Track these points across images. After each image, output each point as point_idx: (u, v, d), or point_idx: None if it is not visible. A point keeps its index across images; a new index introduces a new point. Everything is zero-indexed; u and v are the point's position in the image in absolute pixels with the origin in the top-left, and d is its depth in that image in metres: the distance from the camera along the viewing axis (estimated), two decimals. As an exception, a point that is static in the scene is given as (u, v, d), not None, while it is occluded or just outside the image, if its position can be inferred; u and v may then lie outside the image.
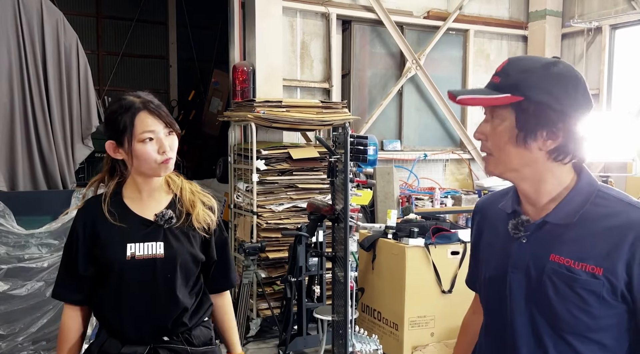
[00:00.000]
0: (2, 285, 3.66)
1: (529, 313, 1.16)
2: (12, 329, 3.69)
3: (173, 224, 1.60)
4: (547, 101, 1.08)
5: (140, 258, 1.57)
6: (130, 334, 1.59)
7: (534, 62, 1.12)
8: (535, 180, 1.16)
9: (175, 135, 1.59)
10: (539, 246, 1.16)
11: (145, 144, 1.52)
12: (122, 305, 1.59)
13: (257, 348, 4.36)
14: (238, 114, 4.89)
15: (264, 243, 4.39)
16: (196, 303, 1.67)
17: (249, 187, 4.68)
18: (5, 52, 3.83)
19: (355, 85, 5.96)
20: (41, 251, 3.78)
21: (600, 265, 1.08)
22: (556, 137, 1.10)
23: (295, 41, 5.55)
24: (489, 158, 1.17)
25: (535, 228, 1.17)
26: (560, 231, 1.14)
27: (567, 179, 1.16)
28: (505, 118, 1.12)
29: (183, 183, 1.69)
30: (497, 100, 1.10)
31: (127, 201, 1.63)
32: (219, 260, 1.71)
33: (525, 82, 1.09)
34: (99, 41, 9.04)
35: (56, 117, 4.00)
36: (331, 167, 3.13)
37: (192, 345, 1.63)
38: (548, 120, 1.09)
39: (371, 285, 4.31)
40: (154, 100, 1.57)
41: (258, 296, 4.58)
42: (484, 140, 1.17)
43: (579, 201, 1.14)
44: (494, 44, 6.72)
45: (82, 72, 4.11)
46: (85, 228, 1.61)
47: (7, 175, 3.88)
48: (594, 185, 1.16)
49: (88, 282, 1.62)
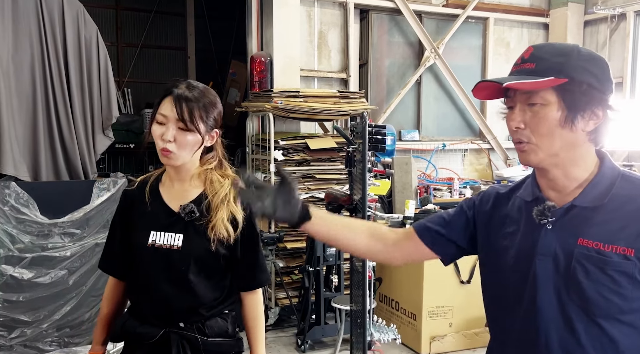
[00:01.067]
0: (27, 273, 3.74)
1: (558, 299, 1.15)
2: (36, 317, 3.77)
3: (194, 218, 1.60)
4: (591, 80, 1.11)
5: (159, 247, 1.60)
6: (148, 316, 1.63)
7: (563, 46, 1.15)
8: (568, 165, 1.16)
9: (189, 134, 1.55)
10: (566, 232, 1.15)
11: (155, 125, 1.57)
12: (142, 288, 1.65)
13: (276, 337, 4.40)
14: (256, 105, 4.90)
15: (282, 233, 4.41)
16: (220, 298, 1.67)
17: (267, 178, 4.70)
18: (27, 45, 3.88)
19: (373, 74, 5.92)
20: (64, 241, 3.85)
21: (631, 245, 1.09)
22: (597, 116, 1.12)
23: (313, 31, 5.53)
24: (528, 147, 1.15)
25: (562, 213, 1.17)
26: (587, 215, 1.14)
27: (592, 164, 1.18)
28: (549, 102, 1.12)
29: (223, 188, 1.64)
30: (545, 83, 1.10)
31: (161, 189, 1.67)
32: (246, 258, 1.68)
33: (566, 64, 1.11)
34: (118, 33, 9.11)
35: (77, 108, 4.05)
36: (349, 156, 3.12)
37: (204, 335, 1.63)
38: (592, 99, 1.11)
39: (389, 275, 4.31)
40: (189, 95, 1.55)
41: (276, 286, 4.61)
42: (522, 129, 1.15)
43: (605, 184, 1.15)
44: (514, 32, 6.61)
45: (102, 64, 4.15)
46: (124, 210, 1.71)
47: (30, 165, 3.95)
48: (616, 169, 1.18)
49: (123, 259, 1.70)
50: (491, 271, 1.31)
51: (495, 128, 6.33)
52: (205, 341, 1.63)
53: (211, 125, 1.61)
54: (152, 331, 1.61)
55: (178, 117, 1.54)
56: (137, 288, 1.68)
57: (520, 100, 1.15)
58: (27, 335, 3.75)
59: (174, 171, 1.64)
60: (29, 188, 3.76)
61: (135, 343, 1.66)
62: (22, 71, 3.88)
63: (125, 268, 1.71)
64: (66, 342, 3.87)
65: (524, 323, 1.20)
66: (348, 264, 4.35)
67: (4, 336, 3.69)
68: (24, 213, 3.72)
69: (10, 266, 3.69)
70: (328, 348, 4.15)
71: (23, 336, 3.74)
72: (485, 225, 1.32)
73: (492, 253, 1.31)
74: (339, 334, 3.88)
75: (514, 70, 1.17)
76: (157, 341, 1.61)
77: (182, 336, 1.62)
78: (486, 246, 1.33)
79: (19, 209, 3.71)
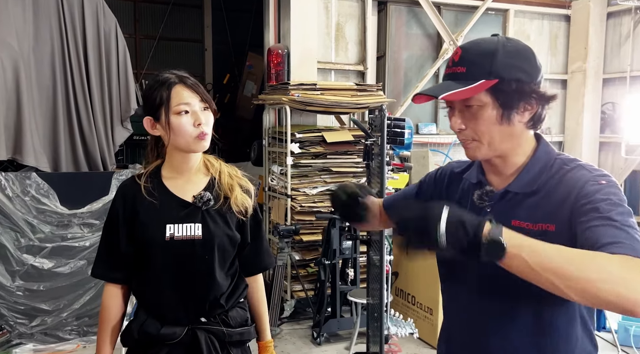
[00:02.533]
0: (47, 262, 3.80)
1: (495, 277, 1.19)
2: (57, 305, 3.83)
3: (211, 206, 1.60)
4: (519, 76, 1.16)
5: (179, 239, 1.57)
6: (169, 314, 1.60)
7: (489, 44, 1.19)
8: (508, 154, 1.23)
9: (211, 112, 1.59)
10: (502, 214, 1.20)
11: (181, 116, 1.54)
12: (161, 285, 1.59)
13: (291, 329, 4.42)
14: (272, 97, 4.89)
15: (298, 225, 4.41)
16: (232, 284, 1.67)
17: (283, 170, 4.69)
18: (48, 37, 3.92)
19: (390, 67, 5.87)
20: (83, 231, 3.90)
21: (552, 221, 1.15)
22: (532, 106, 1.19)
23: (330, 23, 5.49)
24: (472, 144, 1.22)
25: (498, 198, 1.24)
26: (520, 199, 1.22)
27: (529, 149, 1.25)
28: (484, 103, 1.17)
29: (222, 166, 1.69)
30: (477, 88, 1.15)
31: (166, 182, 1.63)
32: (252, 242, 1.70)
33: (494, 65, 1.15)
34: (136, 25, 9.15)
35: (96, 99, 4.08)
36: (367, 149, 3.10)
37: (229, 326, 1.63)
38: (524, 93, 1.16)
39: (405, 269, 4.29)
40: (190, 77, 1.59)
41: (292, 278, 4.62)
42: (464, 129, 1.21)
43: (537, 169, 1.22)
44: (535, 24, 6.50)
45: (121, 56, 4.18)
46: (125, 208, 1.62)
47: (50, 156, 3.99)
48: (551, 152, 1.25)
49: (128, 261, 1.63)
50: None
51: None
52: (230, 333, 1.63)
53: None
54: (176, 331, 1.58)
55: (200, 97, 1.56)
56: (155, 287, 1.60)
57: (458, 103, 1.21)
58: (47, 323, 3.82)
59: (184, 161, 1.61)
60: (49, 179, 3.81)
61: (157, 344, 1.60)
62: (42, 63, 3.92)
63: (127, 270, 1.63)
64: (85, 331, 3.93)
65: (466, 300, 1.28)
66: (364, 257, 4.34)
67: (25, 324, 3.76)
68: (44, 203, 3.78)
69: (31, 256, 3.75)
70: (344, 341, 4.16)
71: (43, 325, 3.80)
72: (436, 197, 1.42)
73: None
74: (354, 328, 3.88)
75: (447, 73, 1.22)
76: (180, 340, 1.58)
77: (209, 330, 1.61)
78: None
79: (39, 199, 3.77)
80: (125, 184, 1.67)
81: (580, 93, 6.47)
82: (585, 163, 1.22)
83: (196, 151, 1.60)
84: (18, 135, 3.77)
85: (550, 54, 6.58)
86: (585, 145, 6.47)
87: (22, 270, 3.73)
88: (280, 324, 4.38)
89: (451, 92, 1.15)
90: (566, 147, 6.64)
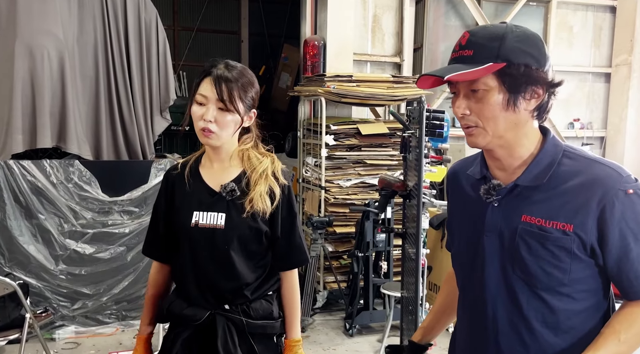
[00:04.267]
0: (89, 247, 3.92)
1: (504, 273, 1.21)
2: (97, 290, 3.95)
3: (236, 197, 1.61)
4: (528, 61, 1.13)
5: (203, 227, 1.61)
6: (194, 297, 1.64)
7: (498, 29, 1.16)
8: (513, 145, 1.19)
9: (229, 114, 1.57)
10: (511, 209, 1.20)
11: (195, 105, 1.58)
12: (188, 269, 1.63)
13: (324, 320, 4.44)
14: (308, 89, 4.90)
15: (331, 217, 4.42)
16: (261, 277, 1.68)
17: (318, 162, 4.71)
18: (91, 28, 4.01)
19: (427, 59, 5.80)
20: (123, 218, 4.00)
21: (570, 221, 1.13)
22: (538, 94, 1.15)
23: (367, 14, 5.46)
24: (476, 130, 1.19)
25: (507, 192, 1.22)
26: (530, 193, 1.19)
27: (535, 141, 1.21)
28: (490, 87, 1.14)
29: (261, 164, 1.66)
30: (485, 70, 1.12)
31: (201, 170, 1.68)
32: (284, 237, 1.69)
33: (502, 48, 1.13)
34: (174, 17, 9.29)
35: (137, 90, 4.16)
36: (404, 142, 3.07)
37: (250, 317, 1.64)
38: (531, 79, 1.14)
39: (439, 263, 4.25)
40: (229, 76, 1.56)
41: (325, 270, 4.64)
42: (468, 115, 1.18)
43: (546, 162, 1.19)
44: (579, 16, 6.30)
45: (161, 47, 4.25)
46: (167, 192, 1.70)
47: (92, 144, 4.10)
48: (559, 145, 1.21)
49: (167, 242, 1.70)
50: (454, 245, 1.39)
51: (554, 115, 6.10)
52: (250, 324, 1.64)
53: (249, 105, 1.62)
54: (198, 313, 1.62)
55: (218, 97, 1.54)
56: (182, 270, 1.66)
57: (463, 87, 1.17)
58: (88, 307, 3.94)
59: (214, 152, 1.65)
60: (91, 167, 3.92)
61: (181, 324, 1.66)
62: (86, 54, 4.02)
63: (168, 251, 1.71)
64: (124, 315, 4.04)
65: (475, 294, 1.28)
66: (397, 250, 4.32)
67: (68, 306, 3.89)
68: (87, 190, 3.89)
69: (74, 241, 3.88)
70: (376, 333, 4.16)
71: (85, 308, 3.93)
72: (451, 203, 1.42)
73: (454, 226, 1.39)
74: (387, 321, 3.88)
75: (454, 57, 1.19)
76: (202, 323, 1.62)
77: (228, 318, 1.63)
78: (451, 224, 1.42)
79: (82, 186, 3.88)
80: (170, 169, 1.74)
81: (625, 88, 6.26)
82: (598, 157, 1.20)
83: (204, 143, 1.63)
84: (62, 123, 3.88)
85: (594, 46, 6.37)
86: (629, 141, 6.26)
87: (65, 255, 3.86)
88: (312, 315, 4.41)
89: (458, 73, 1.12)
90: (608, 142, 6.45)
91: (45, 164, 3.79)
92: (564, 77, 1.23)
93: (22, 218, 3.76)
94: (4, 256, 3.73)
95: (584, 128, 6.36)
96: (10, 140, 3.75)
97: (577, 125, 6.32)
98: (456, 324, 1.45)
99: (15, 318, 2.98)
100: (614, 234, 1.12)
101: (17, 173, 3.71)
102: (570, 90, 6.25)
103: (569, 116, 6.35)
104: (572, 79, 6.22)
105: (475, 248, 1.26)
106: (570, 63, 6.21)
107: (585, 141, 6.32)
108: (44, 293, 3.80)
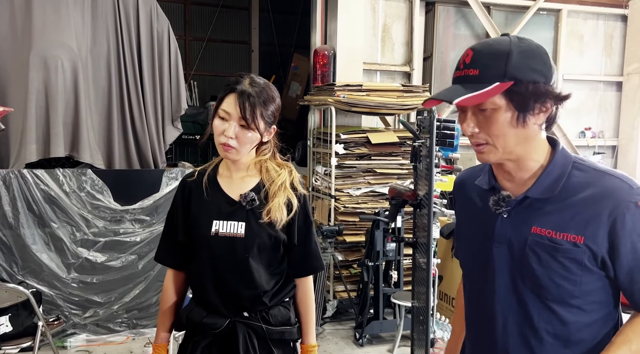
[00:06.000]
0: (100, 256, 3.94)
1: (514, 285, 1.21)
2: (108, 298, 3.97)
3: (255, 206, 1.63)
4: (535, 77, 1.12)
5: (223, 235, 1.62)
6: (214, 305, 1.65)
7: (502, 45, 1.14)
8: (523, 159, 1.19)
9: (250, 131, 1.58)
10: (521, 220, 1.20)
11: (217, 120, 1.60)
12: (207, 277, 1.64)
13: (333, 329, 4.43)
14: (318, 98, 4.92)
15: (341, 226, 4.42)
16: (279, 284, 1.69)
17: (327, 171, 4.71)
18: (104, 39, 4.07)
19: (437, 68, 5.80)
20: (134, 226, 4.02)
21: (581, 233, 1.13)
22: (547, 108, 1.15)
23: (377, 24, 5.48)
24: (486, 148, 1.18)
25: (516, 204, 1.21)
26: (541, 205, 1.19)
27: (544, 153, 1.21)
28: (498, 106, 1.13)
29: (279, 177, 1.68)
30: (492, 91, 1.11)
31: (219, 179, 1.70)
32: (300, 244, 1.71)
33: (509, 67, 1.11)
34: (186, 27, 9.40)
35: (149, 99, 4.21)
36: (415, 151, 3.07)
37: (269, 324, 1.66)
38: (539, 95, 1.13)
39: (450, 273, 4.24)
40: (252, 93, 1.57)
41: (335, 278, 4.63)
42: (477, 133, 1.17)
43: (556, 174, 1.18)
44: (589, 25, 6.28)
45: (172, 57, 4.29)
46: (183, 199, 1.71)
47: (104, 153, 4.14)
48: (569, 157, 1.21)
49: (183, 249, 1.71)
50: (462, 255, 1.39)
51: (565, 124, 6.07)
52: (270, 330, 1.66)
53: (270, 122, 1.63)
54: (218, 321, 1.64)
55: (241, 114, 1.56)
56: (200, 278, 1.66)
57: (471, 106, 1.16)
58: (99, 315, 3.96)
59: (232, 162, 1.68)
60: (103, 176, 3.95)
61: (200, 332, 1.66)
62: (99, 64, 4.07)
63: (183, 259, 1.72)
64: (134, 324, 4.06)
65: (485, 305, 1.27)
66: (408, 260, 4.31)
67: (79, 314, 3.91)
68: (99, 199, 3.92)
69: (86, 249, 3.91)
70: (386, 343, 4.13)
71: (96, 316, 3.95)
72: (459, 213, 1.42)
73: (462, 237, 1.39)
74: (398, 330, 3.86)
75: (458, 75, 1.17)
76: (222, 331, 1.64)
77: (248, 325, 1.64)
78: (459, 233, 1.42)
79: (94, 195, 3.91)
80: (187, 176, 1.76)
81: (636, 96, 6.22)
82: (608, 169, 1.19)
83: (223, 157, 1.65)
84: (75, 133, 3.93)
85: (605, 55, 6.34)
86: (641, 150, 6.20)
87: (77, 263, 3.89)
88: (322, 324, 4.40)
89: (465, 96, 1.11)
90: (620, 151, 6.39)
91: (58, 173, 3.84)
92: (574, 85, 1.23)
93: (35, 226, 3.79)
94: (17, 265, 3.76)
95: (596, 137, 6.31)
96: (24, 149, 3.80)
97: (589, 134, 6.29)
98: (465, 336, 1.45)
99: (28, 326, 3.00)
100: (626, 246, 1.12)
101: (31, 182, 3.75)
102: (582, 99, 6.22)
103: (580, 125, 6.32)
104: (583, 88, 6.18)
105: (484, 259, 1.26)
106: (581, 71, 6.18)
107: (597, 150, 6.27)
108: (56, 301, 3.83)
